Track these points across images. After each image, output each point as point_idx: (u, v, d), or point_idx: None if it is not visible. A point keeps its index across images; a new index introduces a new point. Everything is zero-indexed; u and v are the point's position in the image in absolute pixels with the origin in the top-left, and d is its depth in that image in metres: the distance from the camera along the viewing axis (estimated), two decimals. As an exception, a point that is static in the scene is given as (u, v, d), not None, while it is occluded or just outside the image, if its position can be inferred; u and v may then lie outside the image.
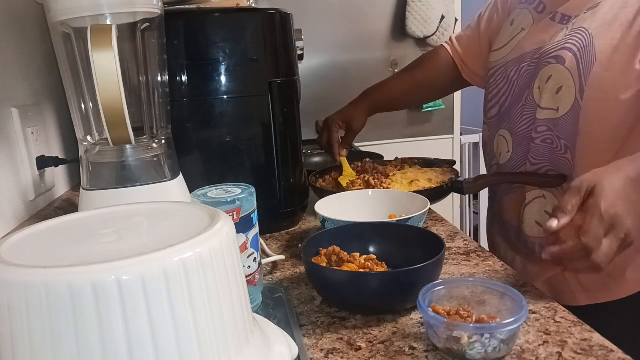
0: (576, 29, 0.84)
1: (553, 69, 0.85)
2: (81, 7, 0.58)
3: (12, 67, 0.87)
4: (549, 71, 0.85)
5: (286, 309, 0.66)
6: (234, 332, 0.41)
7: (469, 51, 1.14)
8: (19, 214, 0.83)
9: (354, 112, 1.19)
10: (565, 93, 0.83)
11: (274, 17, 0.93)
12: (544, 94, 0.86)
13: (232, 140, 0.92)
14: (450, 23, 2.25)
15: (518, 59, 0.94)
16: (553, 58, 0.85)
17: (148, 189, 0.64)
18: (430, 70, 1.21)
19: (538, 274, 0.94)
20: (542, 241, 0.92)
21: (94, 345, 0.34)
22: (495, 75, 1.00)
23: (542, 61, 0.87)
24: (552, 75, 0.85)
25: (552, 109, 0.86)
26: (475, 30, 1.14)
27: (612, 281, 0.87)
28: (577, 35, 0.83)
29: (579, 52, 0.82)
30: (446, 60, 1.18)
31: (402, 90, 1.23)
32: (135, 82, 0.67)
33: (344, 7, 2.20)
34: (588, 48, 0.81)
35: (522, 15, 0.97)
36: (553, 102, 0.85)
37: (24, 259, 0.37)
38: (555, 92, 0.85)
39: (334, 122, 1.17)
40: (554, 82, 0.85)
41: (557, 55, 0.84)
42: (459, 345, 0.53)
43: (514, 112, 0.94)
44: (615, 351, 0.54)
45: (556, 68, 0.84)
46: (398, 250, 0.74)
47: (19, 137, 0.85)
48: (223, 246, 0.40)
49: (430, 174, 1.08)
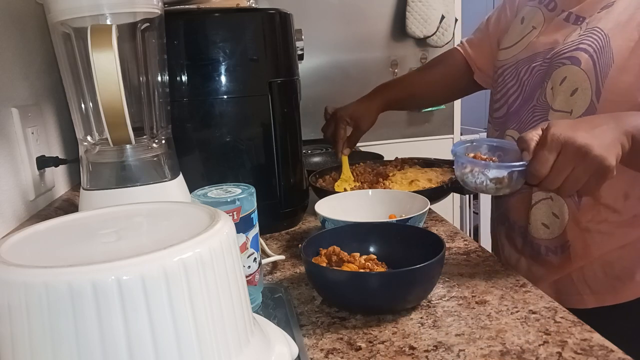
0: (590, 28, 0.82)
1: (567, 70, 0.82)
2: (81, 7, 0.58)
3: (12, 67, 0.87)
4: (563, 72, 0.83)
5: (286, 309, 0.66)
6: (234, 332, 0.41)
7: (480, 53, 1.13)
8: (19, 214, 0.83)
9: (364, 110, 1.17)
10: (580, 95, 0.81)
11: (274, 17, 0.93)
12: (557, 95, 0.84)
13: (232, 140, 0.92)
14: (450, 23, 2.25)
15: (529, 58, 0.92)
16: (567, 59, 0.82)
17: (148, 189, 0.64)
18: (445, 71, 1.20)
19: (543, 276, 0.93)
20: (548, 243, 0.91)
21: (94, 345, 0.34)
22: (504, 74, 0.98)
23: (555, 62, 0.85)
24: (566, 77, 0.82)
25: (565, 111, 0.84)
26: (484, 31, 1.13)
27: (620, 283, 0.86)
28: (592, 35, 0.81)
29: (595, 54, 0.80)
30: (460, 61, 1.17)
31: (416, 89, 1.22)
32: (135, 82, 0.67)
33: (344, 7, 2.20)
34: (605, 49, 0.79)
35: (532, 13, 0.96)
36: (567, 104, 0.83)
37: (24, 259, 0.37)
38: (570, 94, 0.82)
39: (342, 118, 1.16)
40: (568, 83, 0.82)
41: (572, 56, 0.82)
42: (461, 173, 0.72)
43: (523, 112, 0.92)
44: (615, 351, 0.54)
45: (571, 69, 0.82)
46: (398, 250, 0.74)
47: (19, 137, 0.85)
48: (223, 246, 0.40)
49: (430, 174, 1.08)
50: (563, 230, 0.88)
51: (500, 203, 1.04)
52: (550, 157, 0.64)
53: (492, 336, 0.58)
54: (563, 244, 0.89)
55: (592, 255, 0.87)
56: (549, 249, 0.91)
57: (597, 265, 0.87)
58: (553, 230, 0.90)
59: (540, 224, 0.91)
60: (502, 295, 0.68)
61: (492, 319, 0.62)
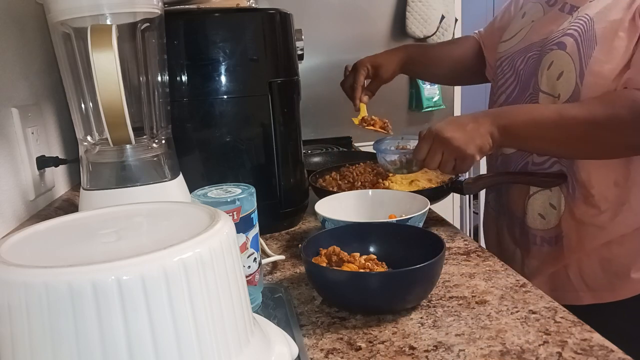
0: (580, 16, 0.84)
1: (555, 55, 0.85)
2: (81, 7, 0.58)
3: (12, 67, 0.87)
4: (551, 57, 0.86)
5: (286, 309, 0.66)
6: (234, 332, 0.41)
7: (488, 46, 1.16)
8: (19, 214, 0.83)
9: (386, 59, 1.17)
10: (566, 78, 0.83)
11: (274, 17, 0.93)
12: (547, 80, 0.87)
13: (232, 140, 0.92)
14: (450, 23, 2.25)
15: (525, 48, 0.94)
16: (555, 45, 0.85)
17: (148, 189, 0.64)
18: (464, 49, 1.21)
19: (538, 269, 0.95)
20: (543, 233, 0.93)
21: (94, 345, 0.34)
22: (503, 66, 1.00)
23: (546, 48, 0.88)
24: (553, 61, 0.85)
25: (553, 95, 0.86)
26: (491, 25, 1.16)
27: (617, 280, 0.87)
28: (579, 21, 0.84)
29: (579, 37, 0.82)
30: (477, 46, 1.19)
31: (437, 57, 1.23)
32: (135, 82, 0.67)
33: (344, 7, 2.20)
34: (589, 33, 0.81)
35: (533, 9, 0.98)
36: (554, 89, 0.86)
37: (24, 259, 0.37)
38: (557, 78, 0.85)
39: (363, 65, 1.15)
40: (555, 67, 0.85)
41: (559, 41, 0.85)
42: (378, 158, 1.01)
43: (520, 101, 0.95)
44: (615, 351, 0.54)
45: (557, 54, 0.84)
46: (398, 250, 0.74)
47: (19, 137, 0.85)
48: (223, 246, 0.40)
49: (430, 174, 1.08)
50: (559, 221, 0.91)
51: (501, 194, 1.05)
52: (425, 146, 0.84)
53: (492, 336, 0.58)
54: (557, 235, 0.91)
55: (585, 248, 0.89)
56: (544, 240, 0.94)
57: (594, 262, 0.89)
58: (549, 221, 0.92)
59: (536, 214, 0.93)
60: (502, 295, 0.68)
61: (492, 319, 0.62)
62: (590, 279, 0.89)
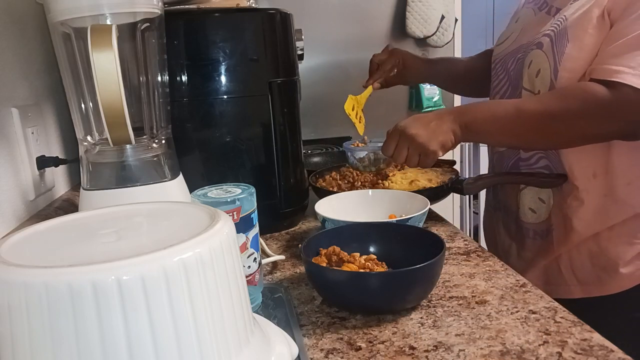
0: (560, 17, 0.88)
1: (534, 54, 0.89)
2: (81, 7, 0.58)
3: (12, 67, 0.87)
4: (531, 57, 0.90)
5: (286, 309, 0.66)
6: (234, 332, 0.41)
7: None
8: (19, 214, 0.83)
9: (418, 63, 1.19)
10: (542, 75, 0.87)
11: (274, 17, 0.93)
12: (528, 78, 0.91)
13: (232, 140, 0.92)
14: (450, 23, 2.25)
15: (515, 50, 0.98)
16: (535, 45, 0.89)
17: (148, 189, 0.64)
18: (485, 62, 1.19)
19: (532, 260, 0.98)
20: (535, 227, 0.96)
21: (94, 345, 0.34)
22: (496, 68, 1.04)
23: (528, 48, 0.91)
24: (532, 60, 0.89)
25: (533, 92, 0.90)
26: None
27: (606, 275, 0.89)
28: (557, 22, 0.87)
29: (554, 36, 0.85)
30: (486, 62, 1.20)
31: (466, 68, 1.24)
32: (135, 82, 0.67)
33: (344, 7, 2.20)
34: (562, 31, 0.84)
35: (526, 13, 1.02)
36: (533, 86, 0.89)
37: (24, 259, 0.37)
38: (535, 76, 0.89)
39: (401, 56, 1.17)
40: (533, 66, 0.89)
41: (539, 41, 0.89)
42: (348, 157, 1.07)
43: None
44: (616, 351, 0.54)
45: (536, 53, 0.89)
46: (398, 250, 0.74)
47: (19, 137, 0.85)
48: (223, 246, 0.40)
49: (430, 174, 1.08)
50: (549, 215, 0.93)
51: (497, 190, 1.08)
52: (392, 142, 0.89)
53: (492, 336, 0.58)
54: (548, 228, 0.94)
55: (572, 241, 0.91)
56: (537, 233, 0.97)
57: (584, 255, 0.91)
58: (540, 215, 0.95)
59: (527, 208, 0.97)
60: (502, 295, 0.68)
61: (492, 319, 0.62)
62: (580, 272, 0.91)
